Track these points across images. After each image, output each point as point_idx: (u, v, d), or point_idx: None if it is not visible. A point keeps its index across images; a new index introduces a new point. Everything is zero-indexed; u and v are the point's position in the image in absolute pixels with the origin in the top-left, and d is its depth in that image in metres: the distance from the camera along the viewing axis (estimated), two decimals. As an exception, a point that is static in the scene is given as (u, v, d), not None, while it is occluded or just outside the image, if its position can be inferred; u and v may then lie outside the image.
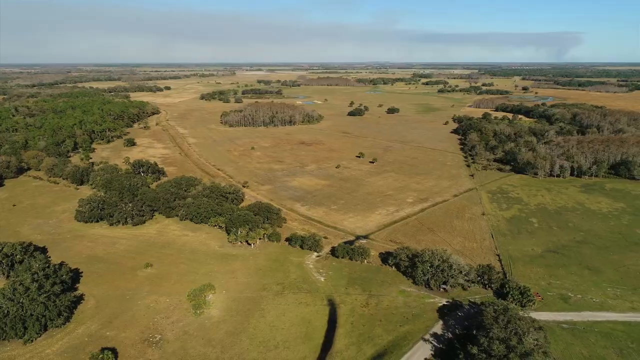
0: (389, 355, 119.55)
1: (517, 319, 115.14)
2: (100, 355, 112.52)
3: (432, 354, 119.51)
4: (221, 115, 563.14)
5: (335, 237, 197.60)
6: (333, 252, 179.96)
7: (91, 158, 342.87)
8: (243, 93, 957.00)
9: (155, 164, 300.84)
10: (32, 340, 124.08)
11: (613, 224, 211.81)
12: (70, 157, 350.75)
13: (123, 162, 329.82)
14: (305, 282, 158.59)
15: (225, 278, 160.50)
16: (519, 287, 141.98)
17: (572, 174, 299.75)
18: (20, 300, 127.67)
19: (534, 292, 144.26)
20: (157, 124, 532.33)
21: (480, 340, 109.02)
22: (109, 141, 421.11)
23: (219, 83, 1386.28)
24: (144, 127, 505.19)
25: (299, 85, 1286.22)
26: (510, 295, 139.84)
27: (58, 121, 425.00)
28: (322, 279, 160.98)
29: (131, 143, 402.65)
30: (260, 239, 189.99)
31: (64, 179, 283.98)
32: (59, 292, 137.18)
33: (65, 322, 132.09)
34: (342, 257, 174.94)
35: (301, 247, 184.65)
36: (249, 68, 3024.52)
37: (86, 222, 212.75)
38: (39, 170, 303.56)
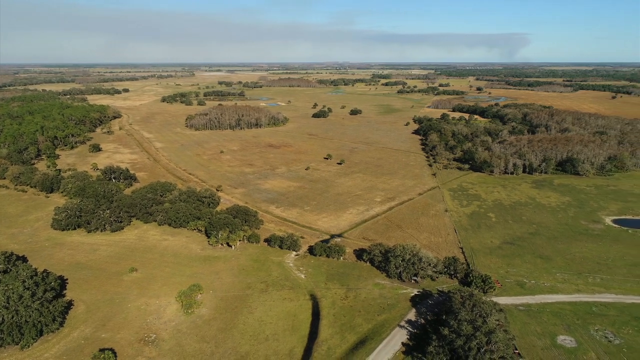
0: (370, 341, 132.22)
1: (481, 303, 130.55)
2: (102, 355, 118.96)
3: (407, 338, 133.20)
4: (186, 119, 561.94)
5: (311, 237, 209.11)
6: (311, 250, 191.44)
7: (57, 165, 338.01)
8: (205, 95, 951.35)
9: (127, 169, 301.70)
10: (28, 346, 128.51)
11: (561, 216, 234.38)
12: (34, 164, 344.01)
13: (91, 169, 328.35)
14: (287, 279, 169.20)
15: (211, 279, 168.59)
16: (481, 276, 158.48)
17: (524, 171, 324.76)
18: (16, 308, 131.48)
19: (494, 279, 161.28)
20: (120, 129, 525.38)
21: (450, 323, 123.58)
22: (72, 147, 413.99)
23: (179, 85, 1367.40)
24: (108, 131, 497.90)
25: (260, 87, 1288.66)
26: (473, 283, 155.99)
27: (18, 127, 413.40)
28: (303, 276, 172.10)
29: (97, 149, 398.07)
30: (240, 240, 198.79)
31: (32, 187, 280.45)
32: (51, 298, 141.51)
33: (59, 327, 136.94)
34: (320, 255, 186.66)
35: (280, 247, 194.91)
36: (208, 68, 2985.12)
37: (63, 230, 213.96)
38: (4, 178, 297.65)
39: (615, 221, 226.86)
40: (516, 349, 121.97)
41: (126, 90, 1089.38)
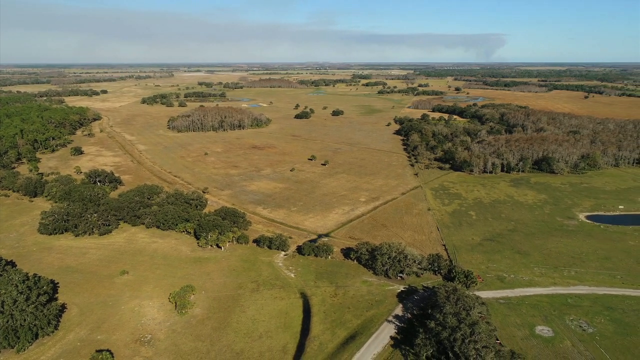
0: (360, 336, 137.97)
1: (465, 297, 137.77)
2: (100, 356, 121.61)
3: (395, 332, 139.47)
4: (169, 121, 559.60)
5: (299, 237, 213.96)
6: (299, 250, 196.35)
7: (39, 169, 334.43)
8: (186, 96, 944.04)
9: (112, 172, 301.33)
10: (24, 349, 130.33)
11: (537, 213, 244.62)
12: (14, 168, 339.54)
13: (74, 172, 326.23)
14: (277, 278, 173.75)
15: (202, 280, 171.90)
16: (464, 272, 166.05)
17: (502, 170, 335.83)
18: (11, 312, 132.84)
19: (476, 274, 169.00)
20: (101, 131, 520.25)
21: (436, 316, 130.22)
22: (53, 150, 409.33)
23: (158, 86, 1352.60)
24: (88, 134, 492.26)
25: (241, 87, 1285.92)
26: (456, 279, 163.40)
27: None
28: (293, 275, 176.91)
29: (78, 152, 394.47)
30: (229, 242, 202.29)
31: (14, 191, 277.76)
32: (44, 302, 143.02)
33: (54, 330, 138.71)
34: (308, 255, 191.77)
35: (269, 247, 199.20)
36: (187, 69, 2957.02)
37: (50, 234, 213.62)
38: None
39: (588, 217, 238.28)
40: (498, 339, 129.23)
41: (104, 92, 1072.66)
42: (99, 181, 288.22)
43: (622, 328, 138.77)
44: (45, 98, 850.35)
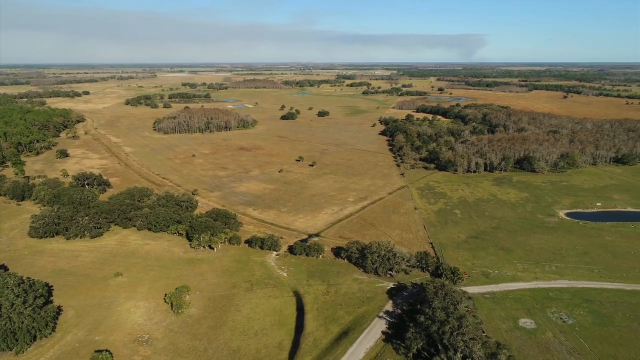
0: (352, 331, 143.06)
1: (452, 292, 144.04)
2: (100, 356, 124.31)
3: (386, 327, 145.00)
4: (154, 122, 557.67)
5: (290, 237, 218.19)
6: (291, 250, 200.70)
7: (24, 172, 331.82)
8: (170, 97, 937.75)
9: (100, 175, 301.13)
10: (23, 351, 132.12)
11: (520, 211, 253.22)
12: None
13: (61, 175, 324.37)
14: (270, 278, 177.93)
15: (196, 280, 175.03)
16: (450, 268, 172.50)
17: (485, 169, 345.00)
18: (9, 315, 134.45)
19: (462, 271, 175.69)
20: (86, 133, 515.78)
21: (425, 311, 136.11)
22: (38, 153, 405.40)
23: (141, 86, 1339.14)
24: (73, 136, 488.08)
25: (226, 88, 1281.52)
26: (444, 275, 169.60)
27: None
28: (285, 274, 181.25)
29: (64, 154, 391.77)
30: (222, 242, 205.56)
31: (1, 195, 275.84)
32: (41, 304, 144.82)
33: (51, 332, 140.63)
34: (300, 254, 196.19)
35: (261, 247, 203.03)
36: (170, 69, 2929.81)
37: (41, 237, 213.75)
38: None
39: (567, 214, 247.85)
40: (484, 332, 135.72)
41: (87, 93, 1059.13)
42: (87, 184, 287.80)
43: (600, 319, 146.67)
44: (26, 99, 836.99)
